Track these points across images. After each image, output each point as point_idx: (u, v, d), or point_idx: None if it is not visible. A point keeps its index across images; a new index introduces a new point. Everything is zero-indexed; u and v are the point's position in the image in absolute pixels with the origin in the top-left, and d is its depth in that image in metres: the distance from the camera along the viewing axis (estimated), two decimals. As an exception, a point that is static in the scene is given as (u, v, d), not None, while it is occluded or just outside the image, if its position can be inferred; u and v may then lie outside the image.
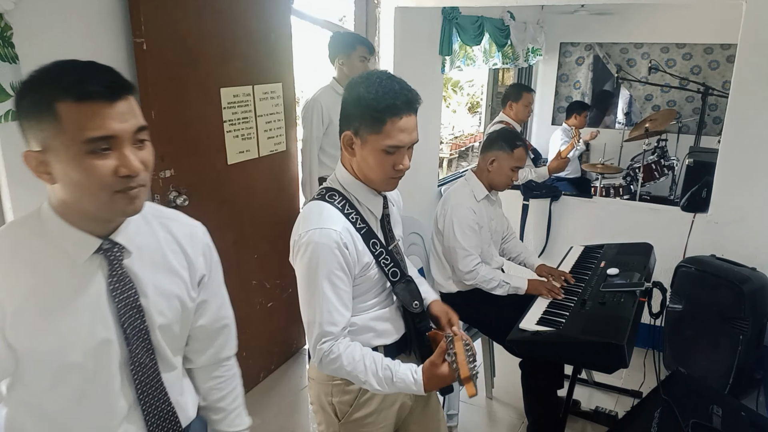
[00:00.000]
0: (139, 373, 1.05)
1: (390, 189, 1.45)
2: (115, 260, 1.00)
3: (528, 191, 3.60)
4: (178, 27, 2.14)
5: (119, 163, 0.91)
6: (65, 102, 0.87)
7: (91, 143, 0.88)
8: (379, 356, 1.37)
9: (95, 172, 0.89)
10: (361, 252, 1.38)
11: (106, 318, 1.00)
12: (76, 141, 0.88)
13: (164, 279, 1.08)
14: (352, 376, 1.36)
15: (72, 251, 0.97)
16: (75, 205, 0.95)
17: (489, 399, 2.87)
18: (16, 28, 1.64)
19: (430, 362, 1.32)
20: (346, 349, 1.35)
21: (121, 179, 0.91)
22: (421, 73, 3.61)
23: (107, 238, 0.99)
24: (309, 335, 1.38)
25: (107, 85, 0.89)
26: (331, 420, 1.50)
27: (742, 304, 2.57)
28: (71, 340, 0.97)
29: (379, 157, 1.35)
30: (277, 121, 2.70)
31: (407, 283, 1.48)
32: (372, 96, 1.31)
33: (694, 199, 3.16)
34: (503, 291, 2.44)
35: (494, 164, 2.47)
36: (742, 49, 2.80)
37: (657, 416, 1.96)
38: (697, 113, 5.21)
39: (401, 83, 1.35)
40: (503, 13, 4.55)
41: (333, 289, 1.33)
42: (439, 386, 1.34)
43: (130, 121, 0.92)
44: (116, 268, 1.00)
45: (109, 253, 1.00)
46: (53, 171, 0.91)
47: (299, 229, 1.37)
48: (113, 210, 0.95)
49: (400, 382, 1.33)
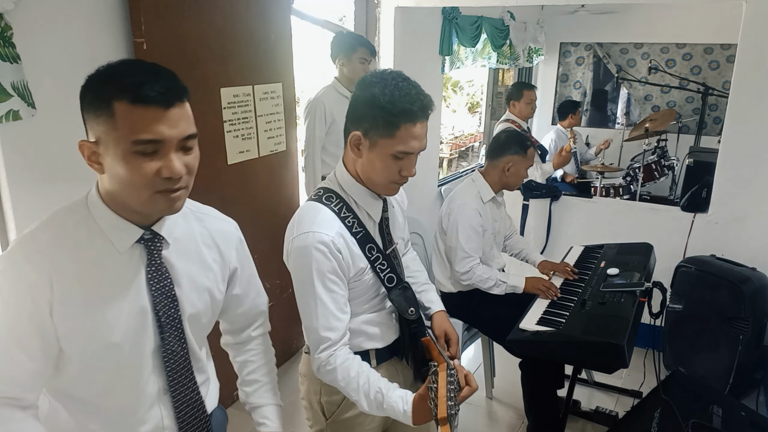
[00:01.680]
0: (170, 360, 1.09)
1: (391, 194, 1.42)
2: (155, 250, 1.06)
3: (528, 191, 3.60)
4: (178, 27, 2.14)
5: (163, 165, 0.96)
6: (121, 102, 0.92)
7: (139, 144, 0.93)
8: (375, 377, 1.32)
9: (139, 171, 0.94)
10: (356, 257, 1.36)
11: (145, 305, 1.05)
12: (126, 140, 0.93)
13: (197, 271, 1.13)
14: (345, 392, 1.35)
15: (115, 239, 1.02)
16: (119, 197, 1.00)
17: (489, 399, 2.87)
18: (16, 28, 1.64)
19: (419, 396, 1.26)
20: (343, 362, 1.32)
21: (163, 180, 0.96)
22: (421, 73, 3.61)
23: (149, 229, 1.05)
24: (308, 339, 1.37)
25: (163, 92, 0.94)
26: (319, 418, 1.50)
27: (742, 304, 2.57)
28: (112, 322, 1.01)
29: (387, 161, 1.31)
30: (277, 121, 2.70)
31: (403, 290, 1.44)
32: (387, 98, 1.26)
33: (694, 199, 3.16)
34: (500, 290, 2.45)
35: (511, 169, 2.48)
36: (742, 49, 2.80)
37: (657, 416, 1.96)
38: (697, 113, 5.21)
39: (417, 87, 1.31)
40: (503, 13, 4.55)
41: (328, 294, 1.32)
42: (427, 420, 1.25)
43: (181, 127, 0.97)
44: (155, 257, 1.06)
45: (150, 243, 1.05)
46: (104, 162, 0.96)
47: (293, 231, 1.35)
48: (153, 208, 1.01)
49: (389, 409, 1.29)
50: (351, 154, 1.36)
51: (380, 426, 1.54)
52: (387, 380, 1.33)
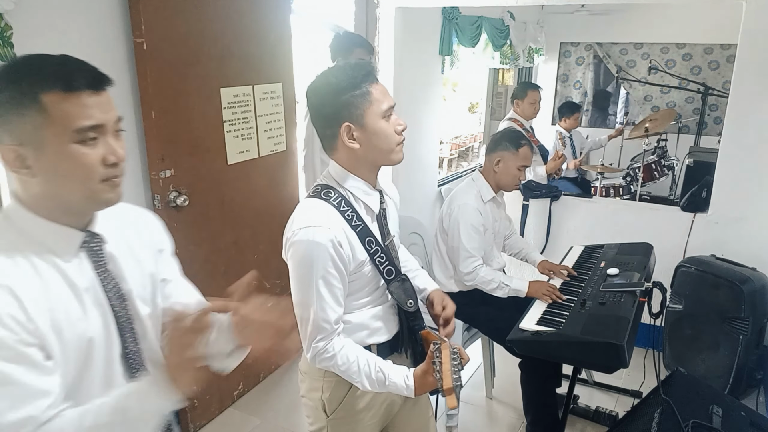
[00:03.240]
0: (134, 362, 1.05)
1: (401, 157, 1.43)
2: (98, 250, 1.01)
3: (528, 191, 3.60)
4: (178, 27, 2.14)
5: (107, 151, 0.93)
6: (51, 93, 0.88)
7: (81, 132, 0.90)
8: (373, 358, 1.39)
9: (84, 161, 0.91)
10: (356, 250, 1.38)
11: (105, 308, 1.00)
12: (66, 131, 0.89)
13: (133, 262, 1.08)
14: (346, 375, 1.38)
15: (57, 248, 0.96)
16: (56, 198, 0.94)
17: (489, 399, 2.87)
18: (16, 28, 1.64)
19: (422, 370, 1.34)
20: (341, 349, 1.37)
21: (108, 167, 0.93)
22: (421, 73, 3.61)
23: (86, 230, 1.00)
24: (302, 331, 1.39)
25: (93, 76, 0.92)
26: (320, 415, 1.50)
27: (742, 304, 2.57)
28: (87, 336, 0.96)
29: (382, 125, 1.35)
30: (277, 121, 2.70)
31: (402, 282, 1.47)
32: (343, 78, 1.33)
33: (694, 199, 3.16)
34: (503, 293, 2.44)
35: (500, 164, 2.47)
36: (742, 49, 2.80)
37: (657, 416, 1.95)
38: (697, 113, 5.20)
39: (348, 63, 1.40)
40: (503, 13, 4.55)
41: (327, 287, 1.34)
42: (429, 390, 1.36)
43: (111, 111, 0.94)
44: (100, 257, 1.01)
45: (92, 243, 1.00)
46: (34, 164, 0.90)
47: (293, 226, 1.36)
48: (98, 199, 0.96)
49: (392, 385, 1.36)
50: (347, 148, 1.37)
51: (381, 421, 1.55)
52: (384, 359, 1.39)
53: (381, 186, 1.48)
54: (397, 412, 1.59)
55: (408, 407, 1.61)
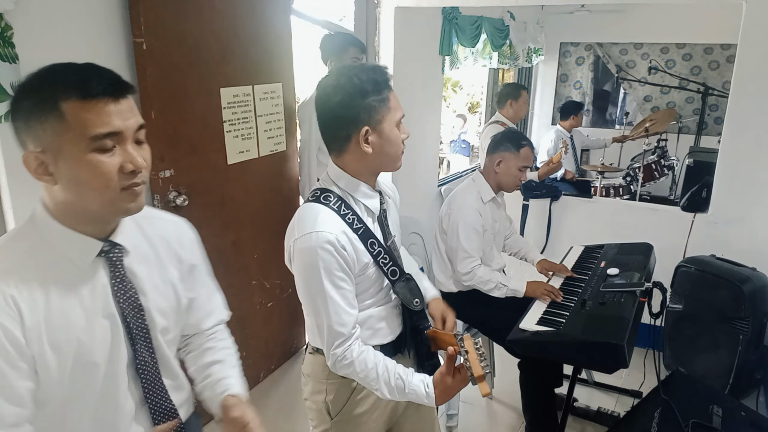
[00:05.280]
0: (144, 372, 1.06)
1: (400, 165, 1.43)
2: (117, 261, 1.02)
3: (528, 191, 3.60)
4: (178, 27, 2.14)
5: (124, 159, 0.93)
6: (70, 100, 0.89)
7: (97, 140, 0.90)
8: (392, 364, 1.37)
9: (102, 169, 0.91)
10: (359, 252, 1.37)
11: (115, 318, 1.01)
12: (83, 138, 0.89)
13: (159, 275, 1.10)
14: (365, 383, 1.38)
15: (74, 256, 0.97)
16: (77, 206, 0.95)
17: (489, 399, 2.87)
18: (16, 28, 1.64)
19: (441, 374, 1.33)
20: (359, 355, 1.35)
21: (127, 176, 0.93)
22: (421, 73, 3.61)
23: (107, 240, 1.00)
24: (321, 339, 1.38)
25: (111, 83, 0.92)
26: (324, 418, 1.50)
27: (742, 304, 2.57)
28: (87, 342, 0.97)
29: (396, 134, 1.37)
30: (277, 121, 2.70)
31: (407, 281, 1.47)
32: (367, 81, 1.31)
33: (694, 199, 3.16)
34: (501, 293, 2.44)
35: (501, 165, 2.47)
36: (742, 49, 2.80)
37: (657, 416, 1.96)
38: (697, 113, 5.21)
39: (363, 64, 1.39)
40: (503, 13, 4.55)
41: (337, 291, 1.33)
42: (450, 397, 1.35)
43: (132, 119, 0.95)
44: (118, 268, 1.02)
45: (111, 254, 1.01)
46: (55, 171, 0.92)
47: (294, 233, 1.34)
48: (118, 208, 0.96)
49: (411, 393, 1.35)
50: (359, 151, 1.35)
51: (385, 423, 1.55)
52: (403, 366, 1.38)
53: (381, 186, 1.48)
54: (401, 414, 1.59)
55: (413, 408, 1.60)
